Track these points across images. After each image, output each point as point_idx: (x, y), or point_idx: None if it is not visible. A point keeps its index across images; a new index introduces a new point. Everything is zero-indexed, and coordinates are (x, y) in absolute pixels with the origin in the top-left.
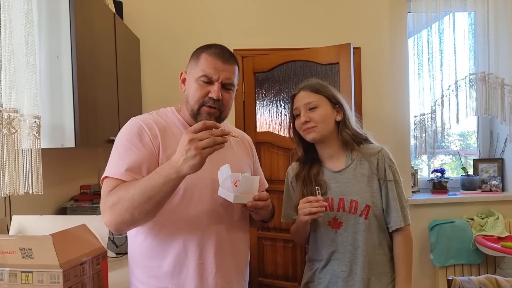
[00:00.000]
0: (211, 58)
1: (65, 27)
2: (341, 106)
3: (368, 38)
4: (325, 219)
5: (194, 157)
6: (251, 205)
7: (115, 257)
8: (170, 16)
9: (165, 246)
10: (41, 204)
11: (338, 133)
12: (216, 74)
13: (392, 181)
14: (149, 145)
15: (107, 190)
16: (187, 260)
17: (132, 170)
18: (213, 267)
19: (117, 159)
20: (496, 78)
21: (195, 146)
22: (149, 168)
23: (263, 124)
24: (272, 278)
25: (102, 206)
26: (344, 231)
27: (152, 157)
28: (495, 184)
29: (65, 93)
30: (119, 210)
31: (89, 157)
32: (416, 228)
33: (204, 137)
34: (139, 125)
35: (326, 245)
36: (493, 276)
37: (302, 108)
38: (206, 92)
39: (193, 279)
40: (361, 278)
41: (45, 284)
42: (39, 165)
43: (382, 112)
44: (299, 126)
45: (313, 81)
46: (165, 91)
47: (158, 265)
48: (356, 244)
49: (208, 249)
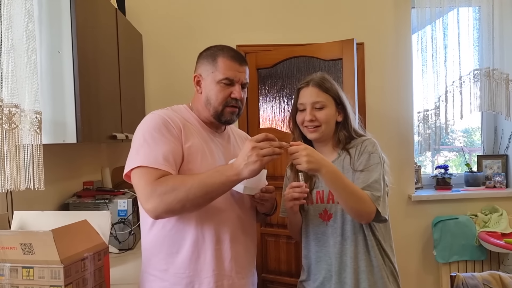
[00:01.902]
0: (229, 62)
1: (66, 22)
2: (344, 107)
3: (372, 33)
4: (316, 211)
5: (255, 163)
6: (259, 196)
7: (118, 253)
8: (172, 12)
9: (183, 233)
10: (43, 200)
11: (335, 132)
12: (236, 76)
13: (361, 170)
14: (176, 136)
15: (151, 179)
16: (204, 245)
17: (166, 160)
18: (228, 252)
19: (148, 149)
20: (501, 73)
21: (256, 153)
22: (176, 159)
23: (266, 121)
24: (275, 274)
25: (147, 193)
26: (333, 222)
27: (178, 148)
28: (499, 181)
29: (66, 88)
30: (172, 199)
31: (92, 154)
32: (420, 224)
33: (265, 146)
34: (163, 118)
35: (317, 238)
36: (496, 272)
37: (308, 105)
38: (229, 93)
39: (210, 264)
40: (352, 269)
41: (46, 279)
42: (41, 161)
43: (386, 108)
44: (301, 121)
45: (321, 76)
46: (168, 86)
47: (177, 251)
48: (345, 234)
49: (224, 235)
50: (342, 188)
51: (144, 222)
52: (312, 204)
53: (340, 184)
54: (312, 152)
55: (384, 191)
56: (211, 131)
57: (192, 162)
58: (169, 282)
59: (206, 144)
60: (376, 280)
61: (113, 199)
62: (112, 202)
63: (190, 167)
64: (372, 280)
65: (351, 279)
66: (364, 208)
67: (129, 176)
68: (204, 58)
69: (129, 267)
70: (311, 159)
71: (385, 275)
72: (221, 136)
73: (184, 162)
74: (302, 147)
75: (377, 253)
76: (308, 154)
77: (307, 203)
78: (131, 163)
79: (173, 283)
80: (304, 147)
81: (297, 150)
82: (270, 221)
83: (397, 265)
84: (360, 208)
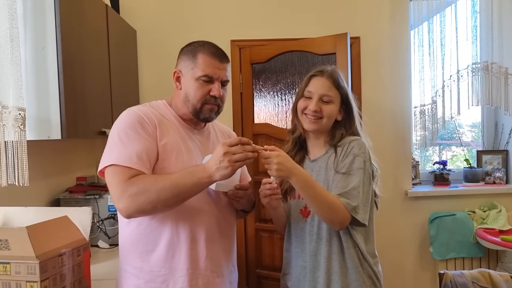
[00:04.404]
0: (209, 58)
1: (51, 19)
2: (349, 107)
3: (368, 27)
4: (298, 207)
5: (226, 168)
6: (232, 193)
7: (108, 248)
8: (166, 8)
9: (158, 231)
10: (35, 195)
11: (330, 129)
12: (216, 74)
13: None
14: (150, 134)
15: (123, 178)
16: (179, 244)
17: (140, 158)
18: (204, 251)
19: (122, 147)
20: (500, 67)
21: (228, 158)
22: (150, 157)
23: (261, 116)
24: (270, 269)
25: (118, 193)
26: (311, 220)
27: (153, 146)
28: (499, 176)
29: (50, 85)
30: (143, 200)
31: (86, 149)
32: (416, 221)
33: (237, 151)
34: (139, 115)
35: (296, 234)
36: (486, 270)
37: (316, 95)
38: (208, 91)
39: (185, 263)
40: (325, 269)
41: (22, 275)
42: (25, 157)
43: (382, 103)
44: (303, 107)
45: (336, 70)
46: (163, 82)
47: (152, 250)
48: (321, 233)
49: (199, 233)
50: (314, 196)
51: (120, 219)
52: (294, 199)
53: (311, 192)
54: (284, 161)
55: (365, 196)
56: (190, 128)
57: (167, 160)
58: (144, 279)
59: (182, 142)
60: (349, 283)
61: (103, 195)
62: (103, 198)
63: (165, 165)
64: (345, 282)
65: (323, 279)
66: (335, 217)
67: (104, 173)
68: (185, 54)
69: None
70: (282, 167)
71: (360, 278)
72: (200, 133)
73: (159, 160)
74: (274, 154)
75: (353, 255)
76: (279, 162)
77: (288, 198)
78: (105, 161)
79: (148, 280)
80: (277, 154)
81: (269, 156)
82: (264, 217)
83: (379, 269)
84: (332, 216)
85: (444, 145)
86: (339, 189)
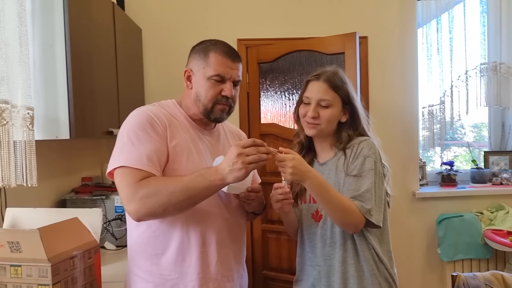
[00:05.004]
0: (221, 58)
1: (59, 16)
2: (353, 107)
3: (376, 27)
4: (309, 211)
5: (239, 170)
6: (243, 195)
7: (115, 249)
8: (172, 6)
9: (168, 234)
10: (41, 196)
11: (336, 131)
12: (228, 73)
13: (355, 176)
14: (161, 135)
15: (133, 180)
16: (190, 248)
17: (150, 160)
18: (215, 255)
19: (132, 148)
20: (508, 68)
21: (242, 160)
22: (160, 159)
23: (268, 116)
24: (277, 271)
25: (129, 195)
26: (323, 224)
27: (163, 147)
28: (506, 177)
29: (59, 83)
30: (153, 203)
31: (92, 149)
32: (424, 222)
33: (251, 153)
34: (149, 115)
35: (309, 238)
36: (499, 272)
37: (314, 101)
38: (219, 91)
39: (195, 267)
40: (340, 273)
41: (34, 278)
42: (33, 157)
43: (390, 103)
44: (303, 114)
45: (334, 71)
46: (168, 81)
47: (162, 253)
48: (334, 237)
49: (211, 237)
50: (328, 199)
51: (129, 222)
52: (305, 204)
53: (325, 196)
54: (299, 164)
55: (378, 198)
56: (200, 129)
57: (178, 162)
58: (153, 283)
59: (193, 143)
60: (365, 286)
61: (110, 195)
62: (109, 199)
63: (175, 167)
64: (361, 285)
65: (339, 283)
66: (350, 220)
67: (113, 174)
68: (196, 53)
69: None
70: (296, 171)
71: (376, 281)
72: (210, 133)
73: (169, 161)
74: (289, 157)
75: (368, 258)
76: (294, 165)
77: (299, 203)
78: (114, 162)
79: (157, 284)
80: (292, 158)
81: (284, 159)
82: (271, 218)
83: (395, 271)
84: (346, 220)
85: (447, 146)
86: (351, 192)
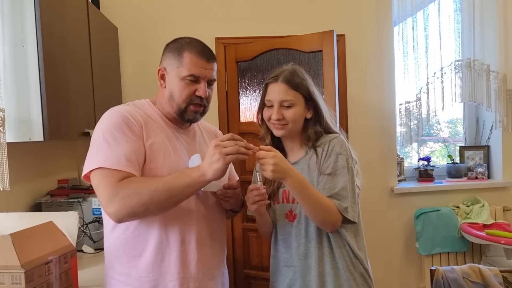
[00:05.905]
0: (196, 58)
1: (30, 15)
2: (315, 103)
3: (352, 25)
4: (282, 211)
5: (218, 161)
6: (220, 193)
7: (93, 253)
8: (149, 4)
9: (146, 234)
10: (14, 200)
11: (304, 129)
12: (202, 74)
13: (329, 174)
14: (137, 134)
15: (112, 181)
16: (169, 247)
17: (129, 160)
18: (194, 253)
19: (108, 149)
20: (482, 64)
21: (219, 151)
22: (138, 158)
23: (247, 114)
24: (258, 269)
25: (108, 197)
26: (298, 223)
27: (140, 147)
28: (481, 172)
29: (31, 84)
30: (134, 203)
31: (67, 150)
32: (402, 217)
33: (229, 144)
34: (124, 114)
35: (284, 238)
36: (476, 265)
37: (276, 103)
38: (193, 91)
39: (175, 267)
40: (317, 272)
41: (7, 285)
42: (5, 160)
43: (368, 100)
44: (268, 117)
45: (291, 70)
46: (146, 80)
47: (140, 254)
48: (310, 236)
49: (190, 236)
50: (308, 198)
51: (106, 224)
52: (279, 204)
53: (305, 194)
54: (280, 162)
55: (352, 195)
56: (175, 127)
57: (155, 161)
58: (132, 286)
59: (169, 141)
60: (342, 283)
61: (87, 198)
62: (87, 201)
63: (152, 166)
64: (337, 282)
65: (315, 282)
66: (328, 218)
67: (89, 177)
68: (170, 51)
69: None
70: (277, 168)
71: (351, 277)
72: (186, 132)
73: (146, 161)
74: (271, 155)
75: (344, 254)
76: (275, 163)
77: (273, 202)
78: (91, 164)
79: (136, 287)
80: (273, 155)
81: (265, 156)
82: (252, 217)
83: (369, 265)
84: (325, 218)
85: (423, 141)
86: (327, 190)
